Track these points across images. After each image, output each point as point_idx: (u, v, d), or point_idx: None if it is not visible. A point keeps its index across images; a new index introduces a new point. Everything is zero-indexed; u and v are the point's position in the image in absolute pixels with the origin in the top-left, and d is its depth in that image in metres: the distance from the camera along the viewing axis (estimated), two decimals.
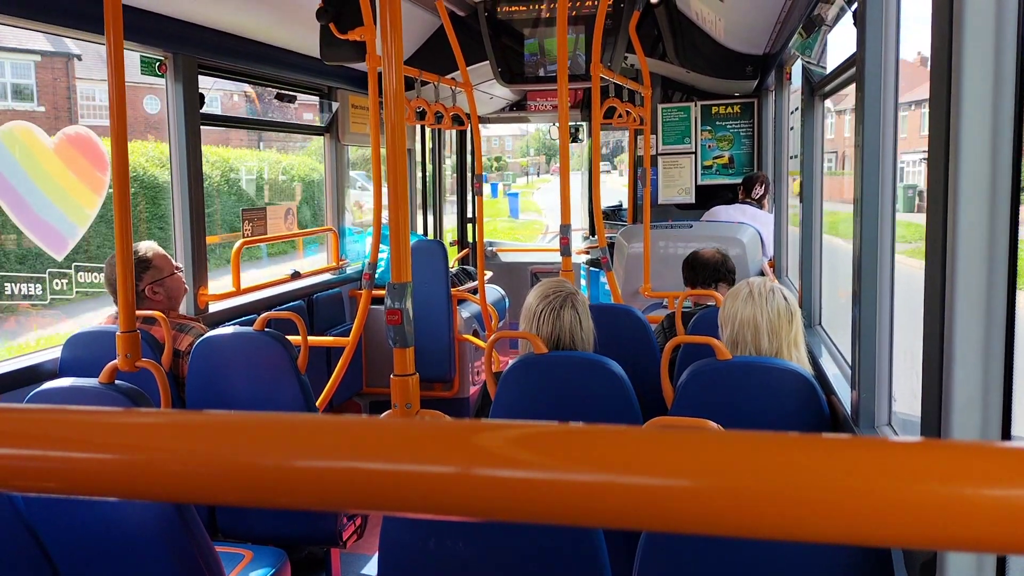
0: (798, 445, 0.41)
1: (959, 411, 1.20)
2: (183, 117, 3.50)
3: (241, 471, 0.46)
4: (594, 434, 0.43)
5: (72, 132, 4.17)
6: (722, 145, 5.99)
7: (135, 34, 3.16)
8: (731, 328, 2.30)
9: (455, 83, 4.49)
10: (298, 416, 0.47)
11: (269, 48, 4.10)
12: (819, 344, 3.07)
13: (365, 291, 3.68)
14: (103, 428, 0.48)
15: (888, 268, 2.02)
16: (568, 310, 2.43)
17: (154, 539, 1.93)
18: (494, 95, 6.04)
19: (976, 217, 1.19)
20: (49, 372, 2.85)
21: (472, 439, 0.44)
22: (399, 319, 1.83)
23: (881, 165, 1.98)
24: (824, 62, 3.28)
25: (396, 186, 1.83)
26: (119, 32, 2.22)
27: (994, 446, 0.40)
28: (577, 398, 2.33)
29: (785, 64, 4.33)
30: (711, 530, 0.41)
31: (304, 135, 7.59)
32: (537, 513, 0.43)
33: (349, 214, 5.16)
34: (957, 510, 0.38)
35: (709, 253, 3.38)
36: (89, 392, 2.07)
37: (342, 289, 4.85)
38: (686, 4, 4.57)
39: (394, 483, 0.44)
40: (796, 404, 2.10)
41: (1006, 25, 1.15)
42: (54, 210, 3.95)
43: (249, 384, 2.76)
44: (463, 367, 4.80)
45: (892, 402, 2.04)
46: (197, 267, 3.58)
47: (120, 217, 2.25)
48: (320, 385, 3.68)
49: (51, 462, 0.47)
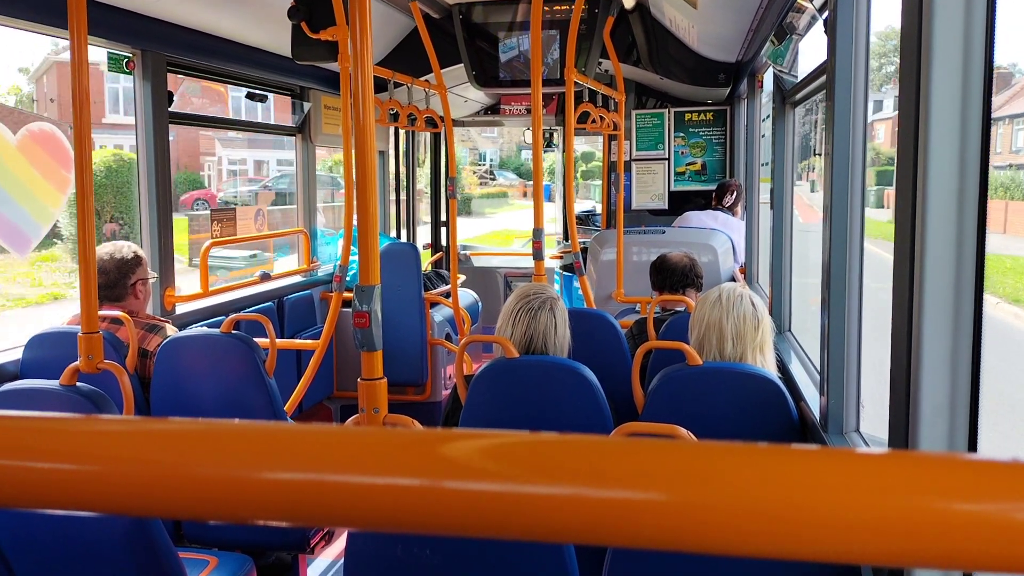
0: (768, 457, 0.40)
1: (927, 420, 1.21)
2: (151, 115, 3.45)
3: (201, 484, 0.44)
4: (563, 445, 0.42)
5: (36, 129, 4.08)
6: (695, 152, 6.03)
7: (101, 30, 3.11)
8: (698, 331, 2.32)
9: (429, 85, 4.48)
10: (260, 425, 0.45)
11: (240, 47, 4.05)
12: (788, 350, 3.09)
13: (336, 293, 3.65)
14: (62, 437, 0.46)
15: (857, 275, 2.03)
16: (545, 313, 2.42)
17: (117, 547, 1.89)
18: (469, 98, 6.03)
19: (944, 225, 1.20)
20: (10, 373, 2.79)
21: (439, 449, 0.43)
22: (367, 322, 1.82)
23: (850, 172, 2.00)
24: (795, 70, 3.31)
25: (364, 187, 1.82)
26: (83, 27, 2.18)
27: (964, 459, 0.39)
28: (548, 403, 2.32)
29: (757, 72, 4.37)
30: (679, 546, 0.40)
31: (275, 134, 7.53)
32: (505, 528, 0.42)
33: (320, 215, 5.12)
34: (926, 525, 0.37)
35: (677, 257, 3.39)
36: (49, 395, 2.03)
37: (313, 291, 4.80)
38: (660, 11, 4.60)
39: (359, 496, 0.43)
40: (766, 410, 2.11)
41: (974, 29, 1.17)
42: (17, 208, 3.87)
43: (216, 387, 2.72)
44: (435, 371, 4.77)
45: (860, 408, 2.06)
46: (164, 267, 3.53)
47: (82, 215, 2.21)
48: (290, 389, 3.64)
49: (7, 472, 0.45)
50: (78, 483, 0.45)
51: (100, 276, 2.87)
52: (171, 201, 3.61)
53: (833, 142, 2.00)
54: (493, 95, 6.13)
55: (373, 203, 1.83)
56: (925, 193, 1.20)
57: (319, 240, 5.04)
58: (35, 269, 11.92)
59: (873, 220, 2.07)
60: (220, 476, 0.44)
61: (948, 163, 1.19)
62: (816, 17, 2.61)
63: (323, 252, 5.10)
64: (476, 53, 5.04)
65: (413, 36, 4.87)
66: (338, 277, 3.72)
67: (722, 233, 4.83)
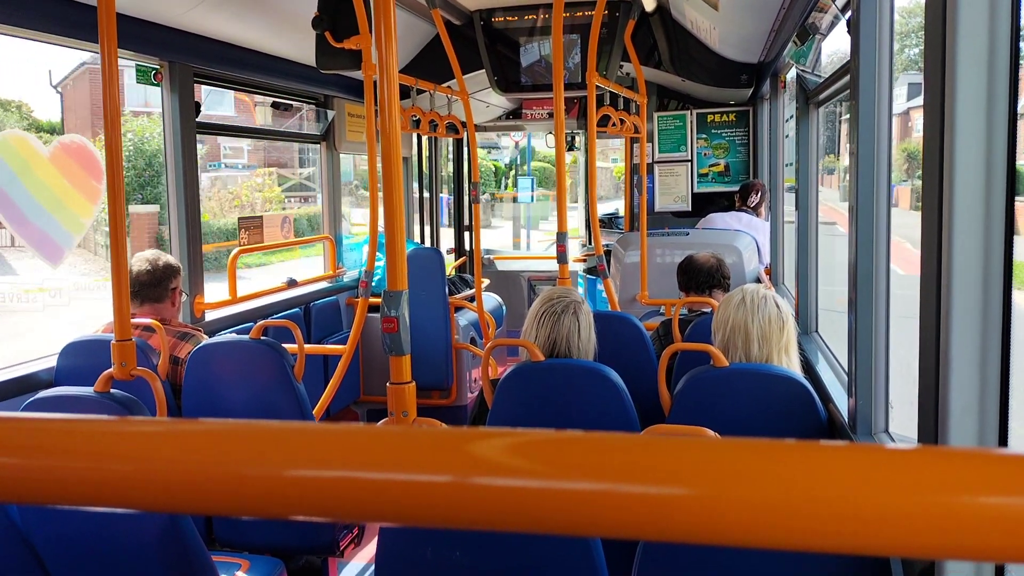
0: (796, 453, 0.40)
1: (956, 417, 1.20)
2: (179, 125, 3.50)
3: (233, 481, 0.45)
4: (591, 442, 0.43)
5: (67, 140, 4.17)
6: (718, 153, 6.00)
7: (130, 43, 3.16)
8: (723, 333, 2.30)
9: (451, 91, 4.50)
10: (292, 425, 0.46)
11: (265, 57, 4.10)
12: (815, 351, 3.07)
13: (362, 299, 3.68)
14: (97, 438, 0.47)
15: (884, 275, 2.02)
16: (568, 317, 2.43)
17: (149, 549, 1.92)
18: (490, 103, 6.05)
19: (972, 222, 1.19)
20: (45, 381, 2.84)
21: (467, 447, 0.44)
22: (395, 327, 1.83)
23: (876, 172, 1.99)
24: (818, 70, 3.29)
25: (390, 193, 1.83)
26: (113, 41, 2.22)
27: (992, 453, 0.39)
28: (574, 406, 2.32)
29: (780, 72, 4.34)
30: (709, 539, 0.40)
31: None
32: (534, 522, 0.43)
33: (346, 222, 5.16)
34: (956, 518, 0.37)
35: (704, 258, 3.38)
36: (84, 401, 2.06)
37: (339, 297, 4.84)
38: (681, 13, 4.59)
39: (389, 493, 0.44)
40: (793, 411, 2.10)
41: (999, 26, 1.16)
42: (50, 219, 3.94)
43: (245, 393, 2.75)
44: (460, 375, 4.79)
45: (889, 409, 2.04)
46: (193, 275, 3.58)
47: (115, 225, 2.25)
48: (317, 394, 3.67)
49: (46, 472, 0.47)
50: (114, 482, 0.46)
51: (144, 275, 2.97)
52: (199, 210, 3.66)
53: (858, 142, 1.99)
54: (515, 100, 6.14)
55: (399, 209, 1.84)
56: (952, 189, 1.19)
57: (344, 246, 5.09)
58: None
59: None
60: (256, 474, 0.45)
61: (974, 159, 1.18)
62: (839, 17, 2.60)
63: (348, 258, 5.14)
64: (497, 59, 5.06)
65: (435, 43, 4.90)
66: (364, 283, 3.75)
67: (746, 234, 4.80)
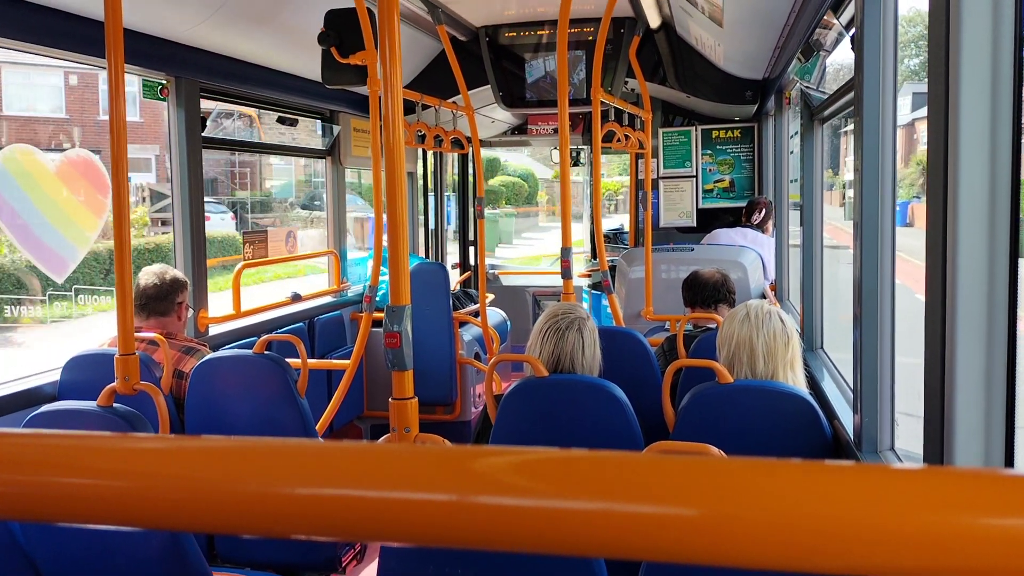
0: (801, 473, 0.40)
1: (962, 437, 1.19)
2: (184, 140, 3.52)
3: (235, 499, 0.45)
4: (594, 461, 0.43)
5: (74, 155, 4.19)
6: (723, 169, 6.01)
7: (137, 58, 3.19)
8: (728, 349, 2.30)
9: (457, 107, 4.52)
10: (293, 442, 0.46)
11: (271, 72, 4.13)
12: (820, 368, 3.06)
13: (366, 314, 3.68)
14: (99, 455, 0.47)
15: (889, 291, 2.01)
16: (573, 333, 2.42)
17: (151, 565, 1.91)
18: (495, 119, 6.07)
19: (976, 240, 1.19)
20: (48, 395, 2.84)
21: (470, 465, 0.43)
22: (397, 342, 1.83)
23: (880, 188, 1.98)
24: (823, 87, 3.29)
25: (394, 208, 1.84)
26: (120, 56, 2.24)
27: (999, 474, 0.39)
28: (578, 422, 2.32)
29: (784, 89, 4.35)
30: (713, 560, 0.40)
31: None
32: (537, 542, 0.42)
33: (351, 236, 5.17)
34: (963, 540, 0.37)
35: (709, 273, 3.37)
36: (87, 415, 2.06)
37: (343, 312, 4.84)
38: (685, 30, 4.61)
39: (392, 511, 0.43)
40: (798, 428, 2.09)
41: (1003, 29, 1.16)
42: (55, 233, 3.95)
43: (249, 407, 2.75)
44: (464, 390, 4.77)
45: (895, 426, 2.02)
46: (197, 289, 3.58)
47: (119, 240, 2.26)
48: (321, 408, 3.66)
49: (48, 489, 0.46)
50: (117, 499, 0.46)
51: (151, 289, 2.97)
52: (204, 224, 3.67)
53: (863, 158, 1.99)
54: (520, 115, 6.17)
55: (403, 224, 1.84)
56: (956, 204, 1.19)
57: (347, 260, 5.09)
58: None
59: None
60: (257, 492, 0.45)
61: (979, 173, 1.18)
62: (843, 34, 2.61)
63: (352, 272, 5.15)
64: (503, 74, 5.08)
65: (440, 59, 4.93)
66: (368, 297, 3.75)
67: (751, 250, 4.79)
